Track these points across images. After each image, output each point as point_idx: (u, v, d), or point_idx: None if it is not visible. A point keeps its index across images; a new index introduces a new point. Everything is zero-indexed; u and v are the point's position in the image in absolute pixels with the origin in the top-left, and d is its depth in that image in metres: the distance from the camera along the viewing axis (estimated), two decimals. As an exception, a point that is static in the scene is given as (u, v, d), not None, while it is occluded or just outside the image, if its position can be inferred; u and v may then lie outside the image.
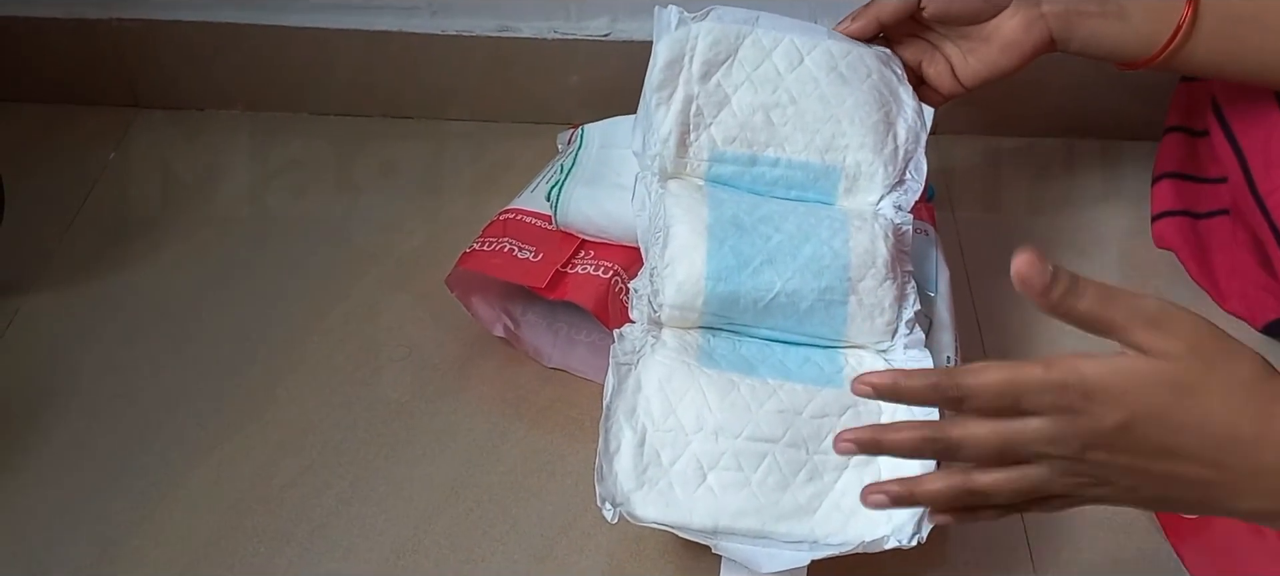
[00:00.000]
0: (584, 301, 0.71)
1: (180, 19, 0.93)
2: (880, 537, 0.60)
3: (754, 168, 0.70)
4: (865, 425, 0.52)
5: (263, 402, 0.75)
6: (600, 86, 0.94)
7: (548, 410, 0.75)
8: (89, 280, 0.83)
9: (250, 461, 0.72)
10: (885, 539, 0.60)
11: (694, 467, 0.61)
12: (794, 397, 0.63)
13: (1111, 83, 0.90)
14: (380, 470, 0.72)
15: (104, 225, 0.88)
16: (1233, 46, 0.69)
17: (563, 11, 0.92)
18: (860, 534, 0.60)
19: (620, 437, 0.62)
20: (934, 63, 0.73)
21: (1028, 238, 0.89)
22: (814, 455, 0.62)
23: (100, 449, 0.72)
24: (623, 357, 0.64)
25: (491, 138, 0.96)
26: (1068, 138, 0.97)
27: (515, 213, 0.77)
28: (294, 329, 0.80)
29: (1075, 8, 0.69)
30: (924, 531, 0.59)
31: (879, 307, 0.66)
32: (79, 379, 0.77)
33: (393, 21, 0.93)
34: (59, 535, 0.68)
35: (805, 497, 0.61)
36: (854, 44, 0.72)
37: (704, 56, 0.69)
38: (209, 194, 0.91)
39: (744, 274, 0.65)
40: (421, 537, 0.68)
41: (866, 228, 0.67)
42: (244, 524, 0.69)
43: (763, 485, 0.61)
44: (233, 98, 0.97)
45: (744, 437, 0.61)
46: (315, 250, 0.86)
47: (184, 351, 0.79)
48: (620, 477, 0.61)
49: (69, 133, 0.96)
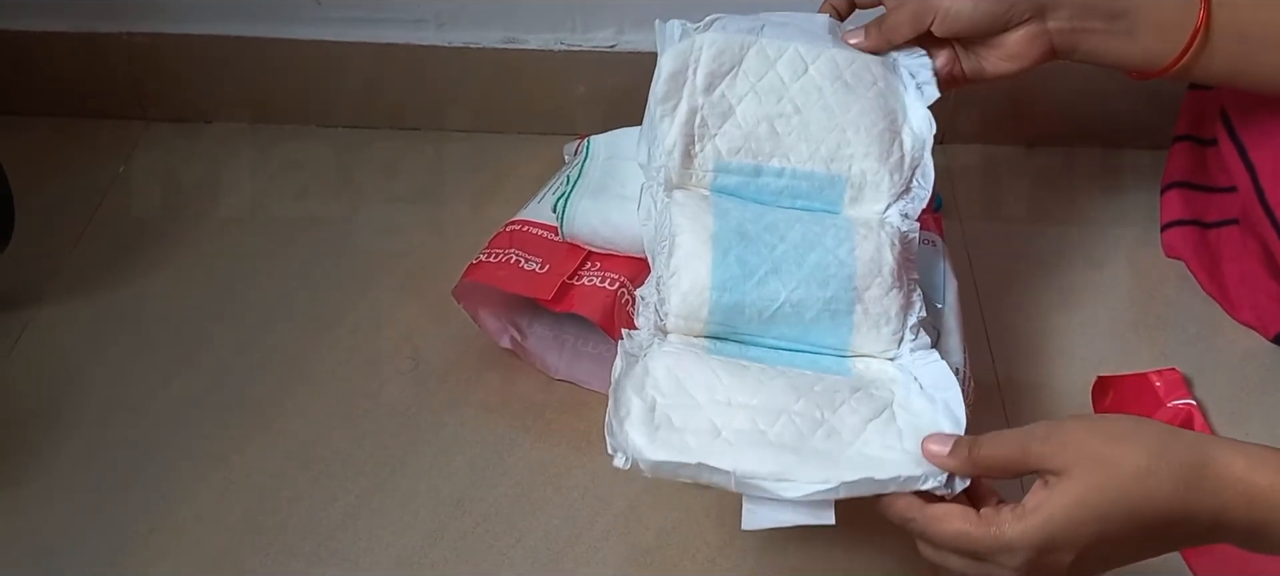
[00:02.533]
0: (590, 313, 0.71)
1: (188, 32, 0.93)
2: (914, 475, 0.56)
3: (759, 178, 0.70)
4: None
5: (271, 415, 0.75)
6: (606, 97, 0.94)
7: (555, 422, 0.75)
8: (98, 292, 0.84)
9: (258, 474, 0.72)
10: (921, 478, 0.56)
11: (708, 426, 0.58)
12: (803, 377, 0.62)
13: (1118, 90, 0.89)
14: (387, 483, 0.72)
15: (113, 238, 0.88)
16: (1243, 63, 0.69)
17: (569, 23, 0.93)
18: (894, 470, 0.57)
19: (630, 405, 0.59)
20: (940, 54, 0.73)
21: (1038, 248, 0.88)
22: (829, 417, 0.59)
23: (108, 461, 0.73)
24: (631, 348, 0.63)
25: (498, 149, 0.96)
26: (1074, 145, 0.97)
27: (522, 224, 0.77)
28: (302, 340, 0.80)
29: (1081, 26, 0.68)
30: (957, 484, 0.56)
31: (885, 316, 0.66)
32: (88, 391, 0.77)
33: (399, 34, 0.93)
34: (67, 547, 0.68)
35: (827, 448, 0.58)
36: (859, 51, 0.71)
37: (708, 67, 0.69)
38: (216, 206, 0.91)
39: (749, 283, 0.65)
40: (428, 551, 0.68)
41: (872, 236, 0.67)
42: (251, 537, 0.69)
43: (781, 437, 0.58)
44: (240, 110, 0.98)
45: (757, 404, 0.59)
46: (322, 262, 0.86)
47: (192, 363, 0.79)
48: (631, 433, 0.57)
49: (78, 146, 0.96)
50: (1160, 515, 0.51)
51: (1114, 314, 0.84)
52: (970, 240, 0.88)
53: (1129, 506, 0.51)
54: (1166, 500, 0.50)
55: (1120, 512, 0.51)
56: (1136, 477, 0.50)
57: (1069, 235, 0.89)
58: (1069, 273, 0.86)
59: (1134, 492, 0.50)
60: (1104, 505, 0.51)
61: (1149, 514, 0.51)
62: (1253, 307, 0.82)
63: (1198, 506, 0.50)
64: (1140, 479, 0.50)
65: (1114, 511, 0.51)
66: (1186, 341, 0.82)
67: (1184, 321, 0.83)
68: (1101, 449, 0.51)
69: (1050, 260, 0.87)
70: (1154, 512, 0.51)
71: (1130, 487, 0.50)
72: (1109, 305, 0.84)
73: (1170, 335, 0.82)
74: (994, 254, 0.87)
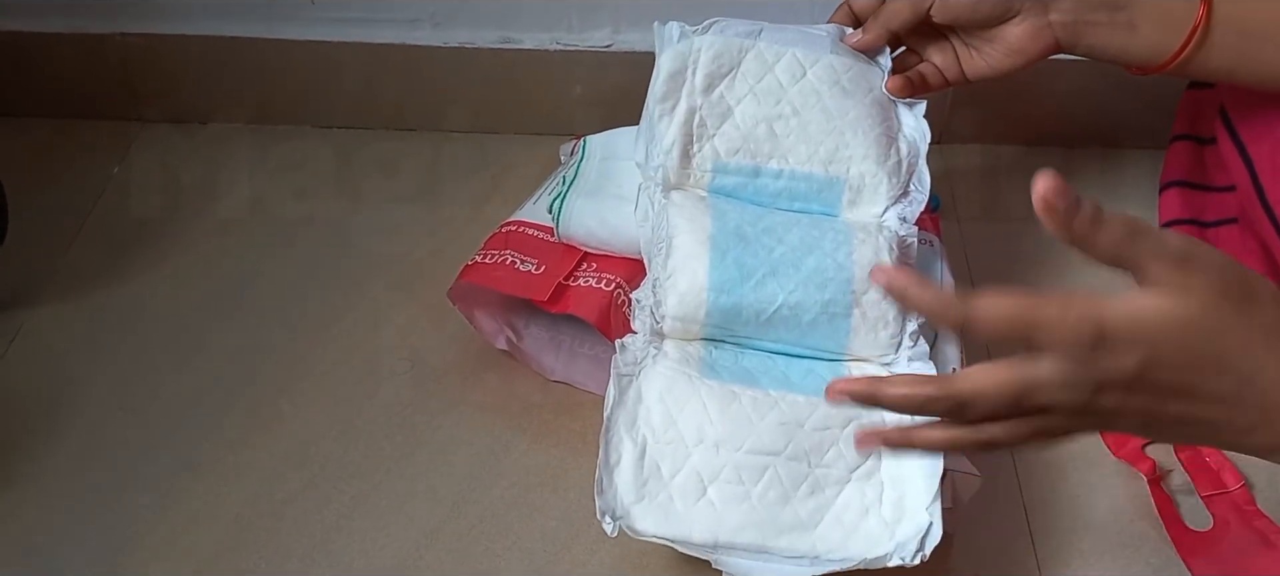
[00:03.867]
0: (586, 314, 0.71)
1: (183, 33, 0.93)
2: (883, 555, 0.59)
3: (757, 179, 0.70)
4: (860, 376, 0.51)
5: (266, 417, 0.75)
6: (602, 97, 0.94)
7: (550, 424, 0.75)
8: (93, 294, 0.84)
9: (253, 476, 0.72)
10: (888, 556, 0.59)
11: (694, 481, 0.61)
12: (796, 409, 0.62)
13: (1116, 89, 0.89)
14: (382, 485, 0.71)
15: (108, 239, 0.88)
16: (1243, 58, 0.69)
17: (565, 23, 0.92)
18: (862, 551, 0.60)
19: (620, 449, 0.61)
20: (942, 52, 0.73)
21: (1035, 248, 0.88)
22: (816, 469, 0.61)
23: (104, 464, 0.72)
24: (624, 368, 0.64)
25: (494, 149, 0.96)
26: (1073, 145, 0.97)
27: (517, 225, 0.77)
28: (297, 342, 0.80)
29: (1084, 18, 0.68)
30: (928, 549, 0.59)
31: (883, 320, 0.65)
32: (83, 394, 0.77)
33: (395, 34, 0.93)
34: (62, 550, 0.68)
35: (806, 512, 0.61)
36: (857, 58, 0.71)
37: (707, 69, 0.69)
38: (213, 207, 0.91)
39: (747, 286, 0.65)
40: (423, 553, 0.68)
41: (870, 240, 0.67)
42: (246, 539, 0.68)
43: (763, 499, 0.60)
44: (236, 111, 0.97)
45: (745, 450, 0.61)
46: (318, 263, 0.86)
47: (188, 365, 0.79)
48: (620, 491, 0.60)
49: (74, 147, 0.96)
50: (1247, 371, 0.45)
51: (1112, 314, 0.83)
52: (968, 240, 0.88)
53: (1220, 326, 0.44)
54: (1268, 361, 0.45)
55: (1219, 346, 0.44)
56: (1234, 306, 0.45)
57: (1067, 235, 0.89)
58: (1067, 273, 0.86)
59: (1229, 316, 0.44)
60: (1216, 323, 0.44)
61: (1241, 363, 0.45)
62: (1252, 307, 0.81)
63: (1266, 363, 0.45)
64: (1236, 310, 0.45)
65: (1215, 341, 0.44)
66: (1185, 341, 0.81)
67: (1183, 321, 0.83)
68: (1242, 288, 0.45)
69: (1048, 260, 0.87)
70: (1247, 365, 0.45)
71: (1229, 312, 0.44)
72: (1107, 305, 0.84)
73: (1169, 335, 0.82)
74: (992, 254, 0.87)
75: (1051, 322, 0.45)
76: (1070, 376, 0.45)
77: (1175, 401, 0.46)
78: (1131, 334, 0.45)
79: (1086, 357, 0.45)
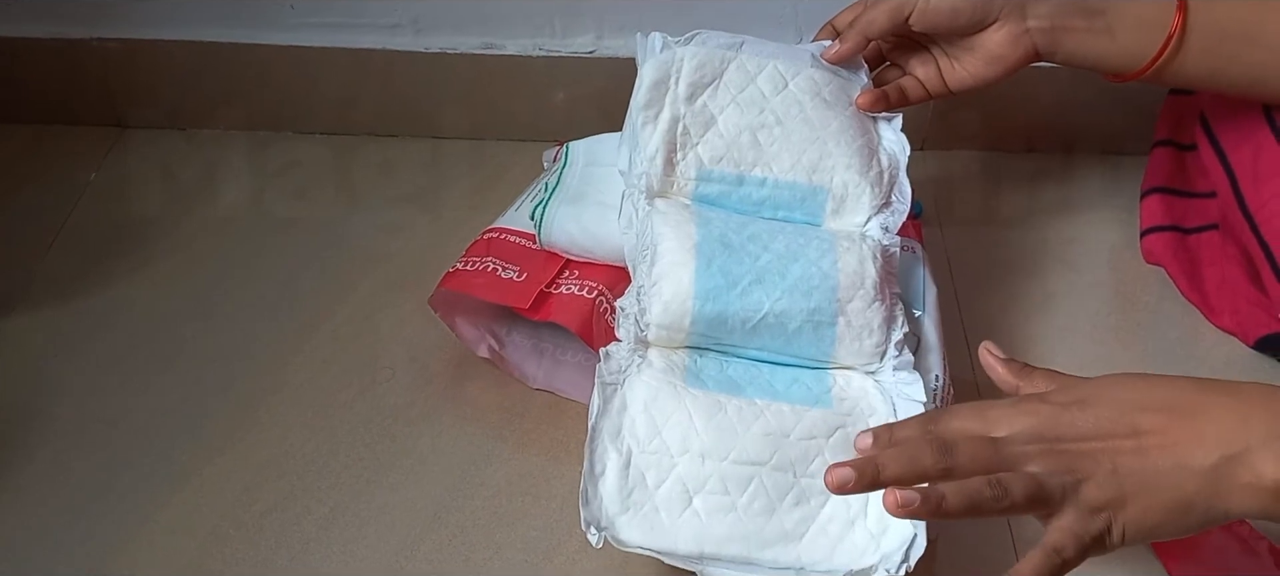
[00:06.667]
0: (568, 322, 0.71)
1: (162, 38, 0.92)
2: (868, 566, 0.59)
3: (741, 187, 0.70)
4: (858, 458, 0.52)
5: (245, 425, 0.75)
6: (586, 103, 0.93)
7: (533, 432, 0.75)
8: (70, 300, 0.83)
9: (231, 485, 0.71)
10: (873, 568, 0.59)
11: (680, 491, 0.60)
12: (781, 419, 0.62)
13: (1101, 96, 0.89)
14: (362, 494, 0.71)
15: (86, 245, 0.87)
16: (1221, 63, 0.69)
17: (548, 28, 0.92)
18: (847, 562, 0.59)
19: (605, 460, 0.61)
20: (924, 65, 0.73)
21: (1017, 253, 0.88)
22: (801, 479, 0.61)
23: (81, 472, 0.72)
24: (608, 377, 0.64)
25: (476, 155, 0.96)
26: (1057, 152, 0.97)
27: (499, 232, 0.76)
28: (277, 350, 0.79)
29: (1061, 23, 0.69)
30: (912, 560, 0.59)
31: (867, 329, 0.65)
32: (60, 400, 0.76)
33: (376, 39, 0.92)
34: (38, 560, 0.67)
35: (792, 522, 0.60)
36: (837, 73, 0.72)
37: (690, 78, 0.69)
38: (191, 213, 0.90)
39: (732, 294, 0.65)
40: (403, 565, 0.67)
41: (855, 249, 0.67)
42: (223, 550, 0.68)
43: (749, 509, 0.60)
44: (215, 117, 0.97)
45: (730, 460, 0.61)
46: (298, 270, 0.86)
47: (166, 372, 0.78)
48: (605, 501, 0.60)
49: (51, 152, 0.95)
50: (1171, 394, 0.53)
51: (1094, 319, 0.84)
52: (950, 246, 0.88)
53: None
54: (1186, 393, 0.53)
55: (1142, 380, 0.54)
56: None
57: (1049, 240, 0.89)
58: (1049, 278, 0.86)
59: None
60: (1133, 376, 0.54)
61: (1165, 389, 0.54)
62: (1233, 313, 0.82)
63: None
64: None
65: (1136, 380, 0.54)
66: (1167, 347, 0.82)
67: (1164, 327, 0.83)
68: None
69: (1030, 265, 0.87)
70: (1168, 389, 0.53)
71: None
72: (1089, 310, 0.84)
73: (1150, 340, 0.82)
74: (974, 259, 0.87)
75: (1003, 406, 0.54)
76: (1030, 425, 0.53)
77: (1124, 423, 0.52)
78: (1066, 387, 0.55)
79: (1036, 411, 0.53)
